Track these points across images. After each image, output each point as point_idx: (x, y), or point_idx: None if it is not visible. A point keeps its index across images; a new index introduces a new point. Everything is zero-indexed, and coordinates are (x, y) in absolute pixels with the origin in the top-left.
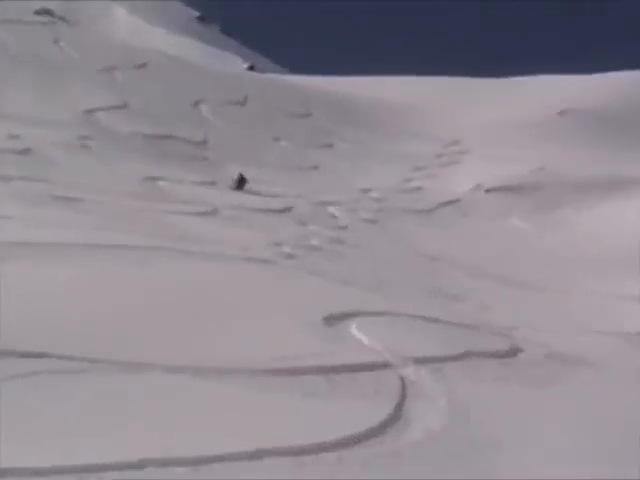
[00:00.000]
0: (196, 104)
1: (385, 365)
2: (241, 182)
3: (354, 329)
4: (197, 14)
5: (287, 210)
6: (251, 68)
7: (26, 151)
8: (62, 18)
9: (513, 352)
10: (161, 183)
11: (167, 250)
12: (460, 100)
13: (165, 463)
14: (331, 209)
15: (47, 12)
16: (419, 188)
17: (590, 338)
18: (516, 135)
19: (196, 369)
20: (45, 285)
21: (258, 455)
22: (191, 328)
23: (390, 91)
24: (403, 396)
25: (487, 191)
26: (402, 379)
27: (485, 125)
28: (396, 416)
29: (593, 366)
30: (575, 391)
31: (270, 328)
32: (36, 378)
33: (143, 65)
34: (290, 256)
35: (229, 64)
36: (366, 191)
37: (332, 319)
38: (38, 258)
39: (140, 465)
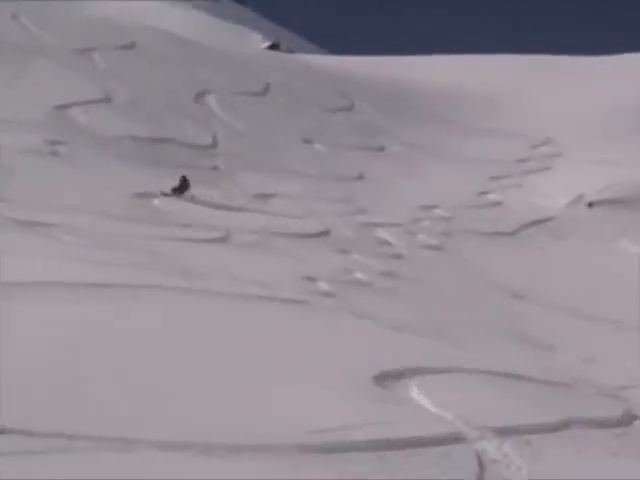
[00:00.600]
0: (201, 96)
1: (456, 438)
2: (181, 186)
3: (414, 391)
4: None
5: (323, 234)
6: (274, 47)
7: None
8: None
9: (627, 419)
10: (156, 201)
11: (164, 289)
12: (547, 85)
13: None
14: (382, 232)
15: None
16: (498, 203)
17: None
18: (625, 130)
19: (205, 446)
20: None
21: None
22: (197, 392)
23: (454, 74)
24: (481, 479)
25: (589, 205)
26: (479, 456)
27: (583, 118)
28: None
29: None
30: None
31: (303, 391)
32: None
33: (130, 45)
34: (328, 295)
35: (244, 42)
36: (428, 208)
37: (385, 378)
38: None
39: None
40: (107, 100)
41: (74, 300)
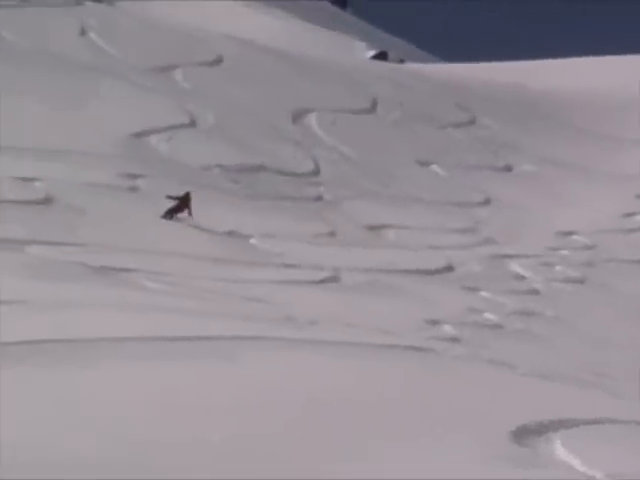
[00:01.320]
0: (299, 116)
1: None
2: (180, 205)
3: (559, 447)
4: None
5: (446, 270)
6: (381, 56)
7: (45, 201)
8: None
9: None
10: (252, 239)
11: (264, 340)
12: None
13: None
14: (514, 265)
15: None
16: None
17: None
18: None
19: None
20: (73, 401)
21: None
22: (307, 457)
23: (591, 78)
24: None
25: None
26: None
27: None
28: None
29: None
30: None
31: (430, 452)
32: None
33: (216, 61)
34: (455, 340)
35: (346, 52)
36: (567, 235)
37: (525, 433)
38: (66, 362)
39: None
40: (191, 125)
41: (158, 356)
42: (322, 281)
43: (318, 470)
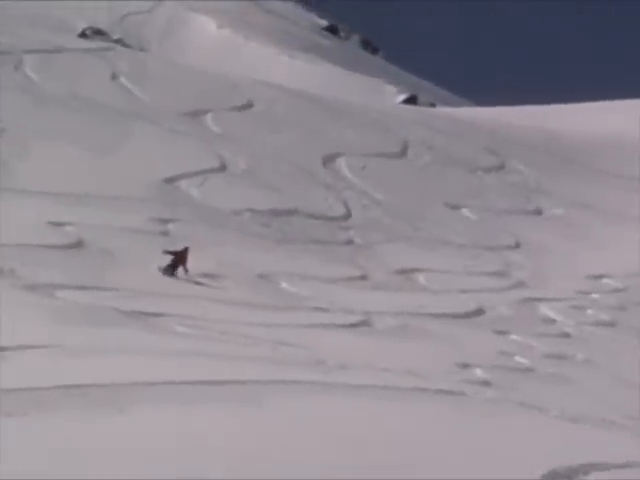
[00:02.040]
0: (330, 159)
1: None
2: (176, 260)
3: None
4: (324, 23)
5: (477, 313)
6: (411, 100)
7: (77, 245)
8: (119, 41)
9: None
10: (284, 283)
11: (297, 384)
12: None
13: None
14: (545, 309)
15: (97, 33)
16: None
17: None
18: None
19: None
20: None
21: None
22: None
23: (619, 122)
24: None
25: None
26: None
27: None
28: None
29: None
30: None
31: None
32: None
33: (247, 105)
34: (486, 383)
35: (377, 96)
36: (598, 278)
37: (557, 477)
38: (99, 407)
39: None
40: (222, 169)
41: (187, 401)
42: (353, 325)
43: None
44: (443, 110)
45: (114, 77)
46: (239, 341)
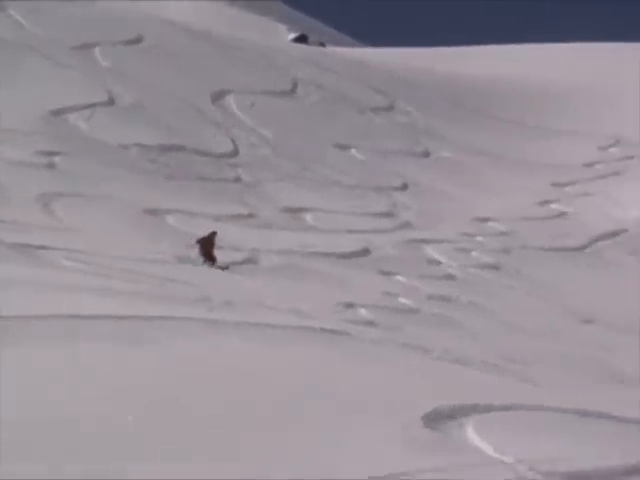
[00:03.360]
0: (219, 97)
1: None
2: (205, 245)
3: (471, 432)
4: None
5: (363, 254)
6: (302, 39)
7: None
8: None
9: None
10: (170, 219)
11: (182, 321)
12: (621, 78)
13: None
14: (430, 250)
15: None
16: (562, 214)
17: None
18: None
19: None
20: None
21: None
22: (221, 441)
23: (513, 67)
24: None
25: None
26: None
27: None
28: None
29: None
30: None
31: (344, 436)
32: None
33: (136, 40)
34: (371, 324)
35: (268, 35)
36: (484, 221)
37: (438, 417)
38: None
39: None
40: (110, 103)
41: (73, 338)
42: (239, 263)
43: (236, 451)
44: (333, 50)
45: (3, 9)
46: (124, 276)
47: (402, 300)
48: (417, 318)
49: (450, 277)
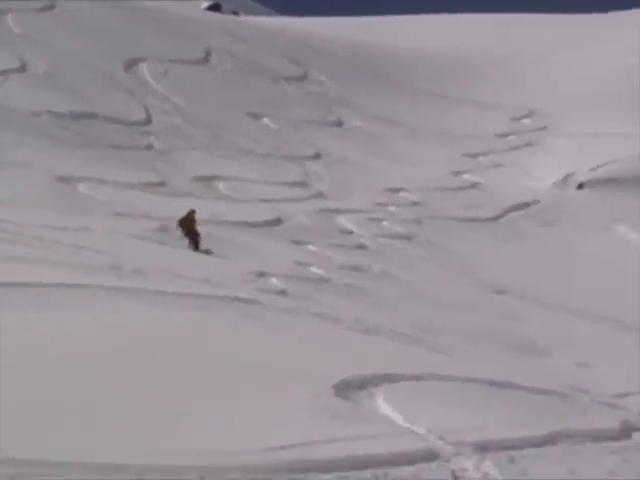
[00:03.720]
0: (132, 64)
1: (429, 455)
2: (188, 225)
3: (381, 401)
4: None
5: (275, 223)
6: (215, 8)
7: None
8: None
9: (626, 432)
10: (81, 186)
11: (91, 289)
12: (534, 48)
13: None
14: (341, 220)
15: None
16: (475, 185)
17: None
18: (624, 97)
19: (144, 468)
20: None
21: None
22: (133, 408)
23: (426, 37)
24: None
25: (580, 186)
26: (455, 476)
27: (575, 85)
28: None
29: None
30: None
31: (255, 405)
32: None
33: (49, 7)
34: (282, 293)
35: (180, 3)
36: (395, 191)
37: (348, 387)
38: None
39: None
40: (22, 70)
41: None
42: (150, 231)
43: (136, 418)
44: (247, 19)
45: None
46: (35, 244)
47: (314, 269)
48: (329, 287)
49: (362, 247)
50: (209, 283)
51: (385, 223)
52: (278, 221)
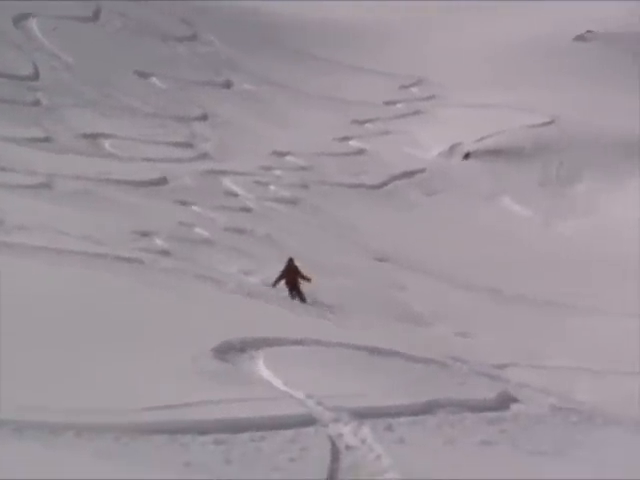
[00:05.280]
0: (21, 19)
1: (307, 420)
2: (289, 277)
3: (260, 365)
4: None
5: (160, 182)
6: None
7: None
8: None
9: (504, 402)
10: None
11: None
12: (424, 16)
13: None
14: (227, 182)
15: None
16: (361, 151)
17: (613, 380)
18: (511, 70)
19: (18, 424)
20: None
21: None
22: (9, 364)
23: (317, 4)
24: (334, 470)
25: (466, 156)
26: (333, 442)
27: (464, 55)
28: None
29: (619, 422)
30: (592, 458)
31: (132, 364)
32: None
33: None
34: (165, 253)
35: None
36: (281, 155)
37: (228, 349)
38: None
39: None
40: None
41: None
42: (34, 186)
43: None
44: None
45: None
46: None
47: (198, 230)
48: (212, 249)
49: (247, 209)
50: (92, 241)
51: (271, 187)
52: (163, 181)
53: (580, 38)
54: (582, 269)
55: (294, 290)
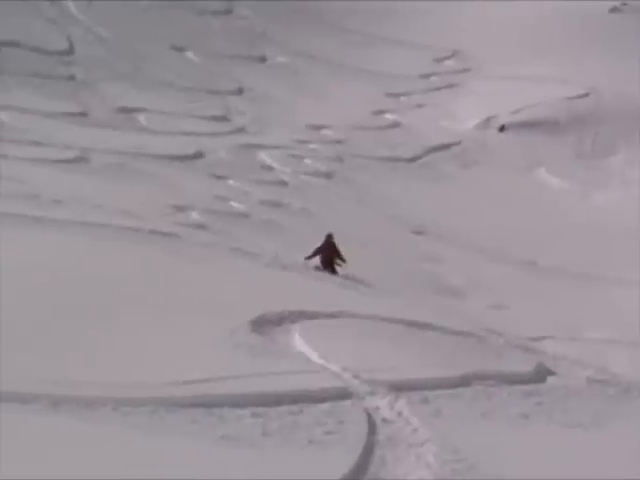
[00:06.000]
0: None
1: (343, 393)
2: (325, 253)
3: (297, 338)
4: None
5: (196, 156)
6: None
7: None
8: None
9: (540, 375)
10: (2, 114)
11: (10, 217)
12: None
13: None
14: (263, 155)
15: None
16: (397, 124)
17: None
18: (546, 42)
19: (55, 399)
20: None
21: None
22: (49, 340)
23: None
24: (370, 443)
25: (502, 129)
26: (369, 415)
27: (499, 27)
28: (360, 475)
29: None
30: (629, 430)
31: (171, 338)
32: None
33: None
34: (201, 226)
35: None
36: (317, 128)
37: (264, 323)
38: None
39: None
40: None
41: None
42: (70, 161)
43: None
44: None
45: None
46: None
47: (233, 204)
48: (248, 223)
49: (282, 183)
50: (128, 215)
51: (306, 160)
52: (199, 155)
53: (615, 10)
54: (618, 241)
55: (328, 269)
